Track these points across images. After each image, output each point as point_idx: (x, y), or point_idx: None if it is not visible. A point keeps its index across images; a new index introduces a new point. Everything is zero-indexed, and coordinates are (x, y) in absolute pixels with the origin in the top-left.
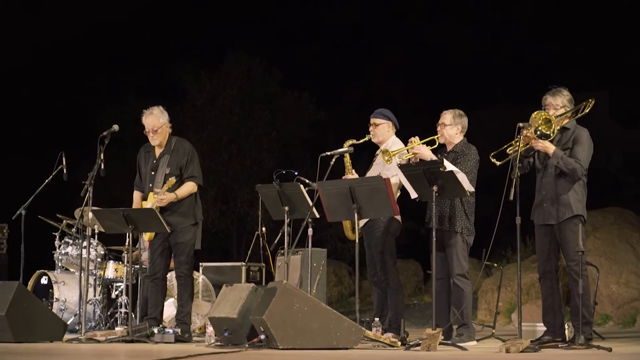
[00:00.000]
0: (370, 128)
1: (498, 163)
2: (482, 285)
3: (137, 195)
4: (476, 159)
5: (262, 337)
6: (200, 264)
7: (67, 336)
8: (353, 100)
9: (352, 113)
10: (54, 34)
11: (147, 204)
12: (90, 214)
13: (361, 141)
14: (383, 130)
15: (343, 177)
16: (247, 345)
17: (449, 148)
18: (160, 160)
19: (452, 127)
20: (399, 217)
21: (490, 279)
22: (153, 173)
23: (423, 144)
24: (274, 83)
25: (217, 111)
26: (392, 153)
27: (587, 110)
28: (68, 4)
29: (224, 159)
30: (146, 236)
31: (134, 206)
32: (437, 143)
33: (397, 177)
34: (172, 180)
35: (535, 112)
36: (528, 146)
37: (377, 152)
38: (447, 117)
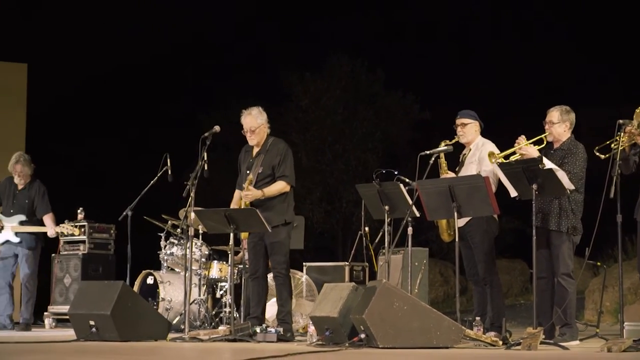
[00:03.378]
0: (459, 128)
1: (602, 156)
2: (589, 285)
3: (237, 194)
4: (584, 157)
5: (362, 336)
6: (304, 263)
7: (171, 335)
8: (458, 100)
9: (456, 113)
10: (162, 37)
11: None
12: (193, 215)
13: (452, 142)
14: (471, 130)
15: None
16: (347, 344)
17: (556, 146)
18: (255, 159)
19: (560, 125)
20: (496, 216)
21: (597, 278)
22: (248, 172)
23: (530, 143)
24: (377, 83)
25: (321, 112)
26: (499, 155)
27: None
28: (174, 9)
29: (329, 159)
30: (242, 235)
31: (232, 204)
32: (545, 142)
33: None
34: (251, 177)
35: (639, 108)
36: (633, 142)
37: (464, 151)
38: (555, 114)
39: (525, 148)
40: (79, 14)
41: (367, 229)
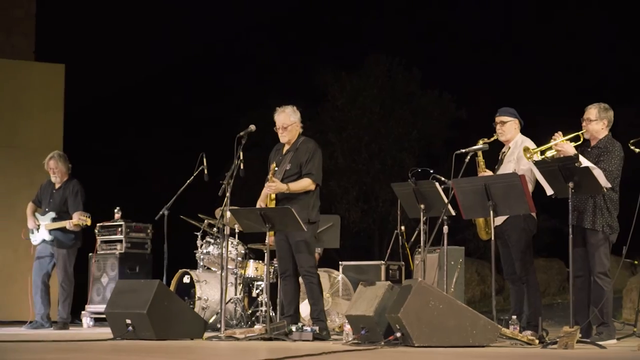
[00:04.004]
0: (498, 126)
1: (637, 150)
2: (627, 284)
3: (264, 190)
4: (621, 156)
5: (398, 334)
6: (340, 262)
7: (207, 334)
8: (494, 99)
9: (494, 111)
10: (199, 37)
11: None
12: (229, 214)
13: (490, 140)
14: (510, 128)
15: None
16: (382, 343)
17: (593, 143)
18: (285, 156)
19: (597, 122)
20: (534, 215)
21: (635, 277)
22: (277, 169)
23: (567, 140)
24: (413, 82)
25: (358, 111)
26: (534, 150)
27: None
28: (211, 9)
29: (365, 158)
30: (269, 234)
31: (259, 201)
32: (582, 139)
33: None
34: (274, 165)
35: None
36: None
37: (504, 149)
38: (592, 112)
39: (562, 145)
40: (115, 16)
41: (403, 228)
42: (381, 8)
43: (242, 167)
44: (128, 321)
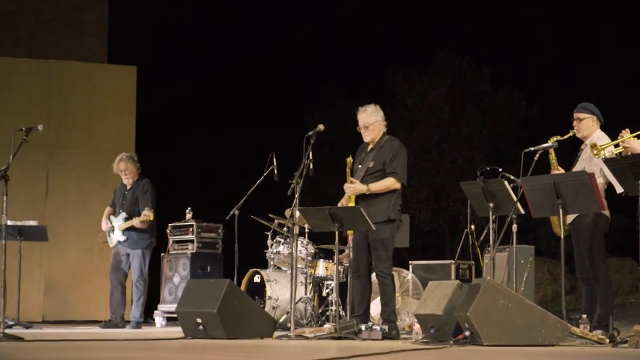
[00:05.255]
0: (574, 123)
1: None
2: None
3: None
4: None
5: (467, 333)
6: (410, 262)
7: (277, 333)
8: (566, 96)
9: (566, 109)
10: (268, 38)
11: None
12: (298, 213)
13: (566, 137)
14: (587, 125)
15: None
16: (451, 342)
17: None
18: (368, 154)
19: None
20: (607, 213)
21: None
22: (360, 166)
23: (634, 137)
24: (483, 81)
25: (427, 110)
26: (601, 147)
27: None
28: (280, 10)
29: (435, 157)
30: (348, 232)
31: (342, 200)
32: None
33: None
34: (350, 159)
35: None
36: None
37: (582, 146)
38: None
39: (629, 142)
40: (186, 18)
41: (473, 227)
42: (450, 6)
43: (311, 166)
44: (199, 320)
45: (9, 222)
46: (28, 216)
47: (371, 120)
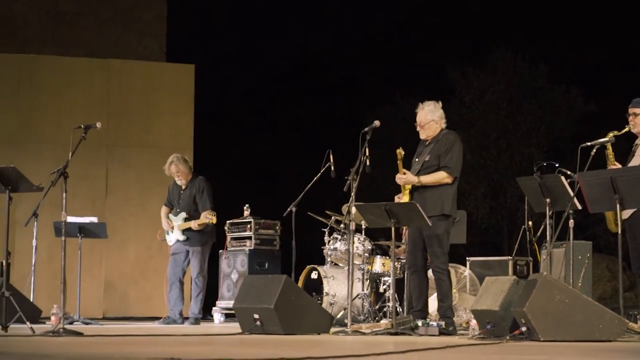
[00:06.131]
0: (630, 118)
1: None
2: None
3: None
4: None
5: (524, 329)
6: (467, 258)
7: (334, 329)
8: (624, 92)
9: (624, 104)
10: (325, 36)
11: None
12: (354, 209)
13: (622, 132)
14: None
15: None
16: (508, 337)
17: None
18: (425, 149)
19: None
20: None
21: None
22: (417, 160)
23: None
24: (540, 77)
25: (485, 107)
26: None
27: None
28: (337, 8)
29: (493, 154)
30: (404, 228)
31: (396, 197)
32: None
33: None
34: (400, 150)
35: None
36: None
37: (637, 141)
38: None
39: None
40: (243, 16)
41: (530, 223)
42: (507, 3)
43: (368, 163)
44: (256, 316)
45: (69, 219)
46: (88, 213)
47: (427, 119)
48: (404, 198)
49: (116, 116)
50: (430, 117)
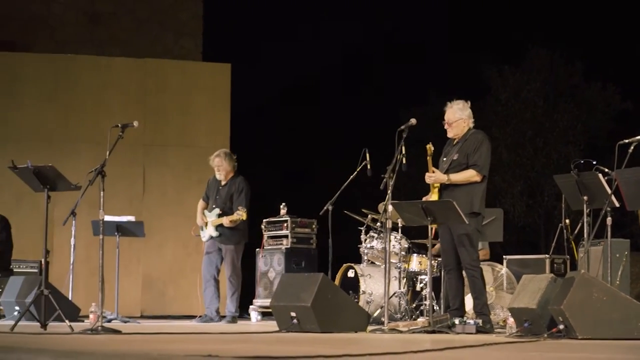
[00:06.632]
0: None
1: None
2: None
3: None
4: None
5: (561, 327)
6: (503, 256)
7: (371, 327)
8: None
9: None
10: (362, 36)
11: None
12: (390, 207)
13: None
14: None
15: None
16: (546, 335)
17: None
18: (453, 148)
19: None
20: None
21: None
22: (445, 159)
23: None
24: (576, 75)
25: (521, 105)
26: None
27: None
28: (370, 7)
29: (529, 153)
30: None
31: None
32: None
33: None
34: (430, 145)
35: None
36: None
37: None
38: None
39: None
40: (279, 15)
41: (568, 221)
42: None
43: (404, 161)
44: (293, 314)
45: (107, 218)
46: (125, 212)
47: (455, 118)
48: (432, 197)
49: (153, 115)
50: (458, 115)
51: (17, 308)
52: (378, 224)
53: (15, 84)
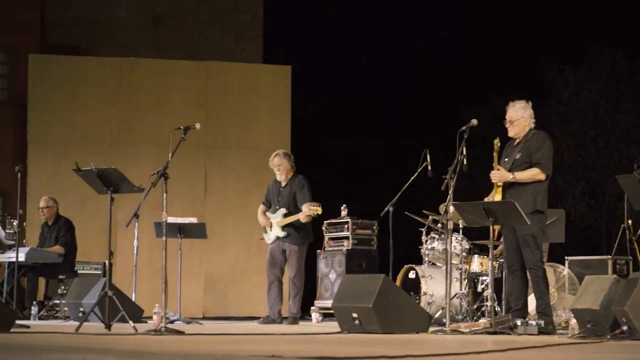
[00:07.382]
0: None
1: None
2: None
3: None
4: None
5: (625, 328)
6: (565, 257)
7: (433, 328)
8: None
9: None
10: (421, 36)
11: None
12: (452, 208)
13: None
14: None
15: None
16: (609, 337)
17: None
18: (515, 148)
19: None
20: None
21: None
22: (507, 159)
23: None
24: (639, 74)
25: (582, 105)
26: None
27: None
28: (435, 8)
29: (591, 153)
30: (497, 227)
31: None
32: None
33: None
34: (497, 141)
35: None
36: None
37: None
38: None
39: None
40: (339, 17)
41: (630, 221)
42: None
43: (465, 162)
44: (354, 315)
45: (169, 220)
46: (188, 214)
47: (517, 116)
48: (496, 197)
49: (214, 117)
50: (520, 114)
51: (81, 309)
52: (439, 225)
53: (79, 88)
